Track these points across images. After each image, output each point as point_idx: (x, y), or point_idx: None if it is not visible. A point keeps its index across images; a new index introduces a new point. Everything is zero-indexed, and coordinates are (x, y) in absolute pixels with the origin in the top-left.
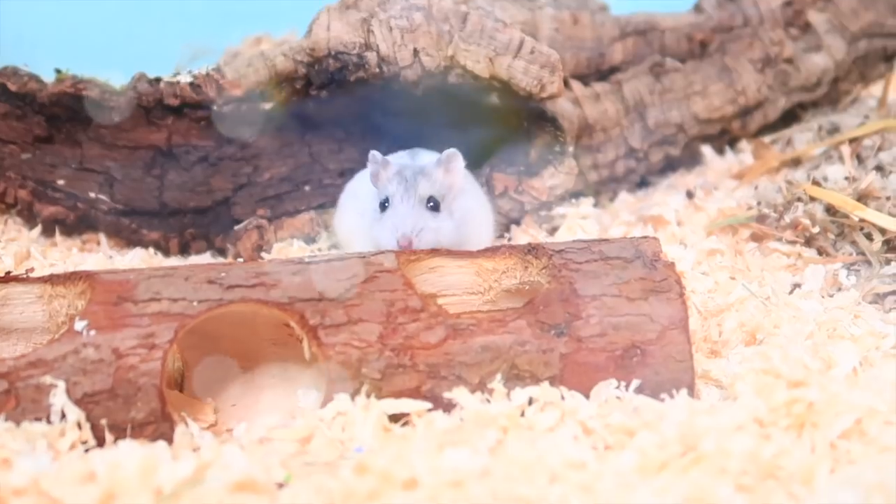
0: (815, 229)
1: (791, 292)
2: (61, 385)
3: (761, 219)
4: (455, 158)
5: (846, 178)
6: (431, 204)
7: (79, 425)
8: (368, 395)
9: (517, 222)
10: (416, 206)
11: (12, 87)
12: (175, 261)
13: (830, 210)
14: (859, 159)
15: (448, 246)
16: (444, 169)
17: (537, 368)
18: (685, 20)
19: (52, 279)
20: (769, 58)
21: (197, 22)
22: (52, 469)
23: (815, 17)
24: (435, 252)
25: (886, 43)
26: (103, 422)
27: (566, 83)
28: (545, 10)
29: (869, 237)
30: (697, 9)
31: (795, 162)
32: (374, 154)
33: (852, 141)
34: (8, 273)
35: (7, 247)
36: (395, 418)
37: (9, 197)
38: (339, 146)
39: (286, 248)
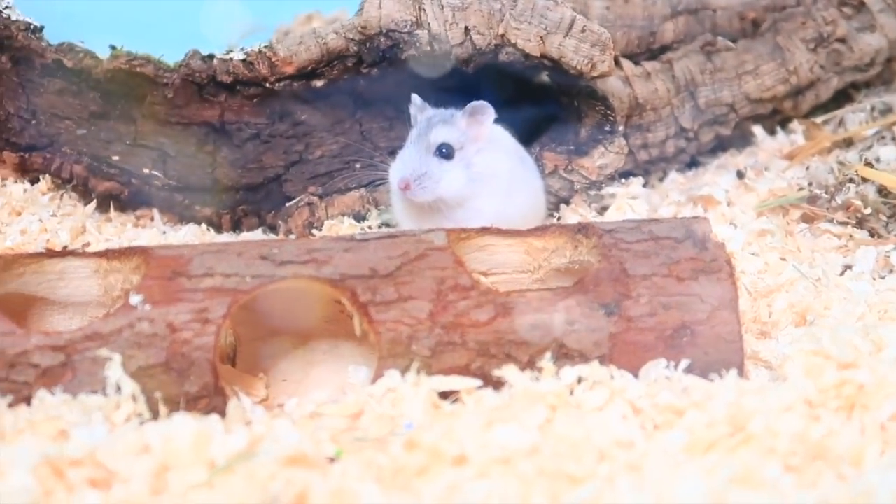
0: (867, 210)
1: (842, 274)
2: (117, 358)
3: (812, 200)
4: (483, 110)
5: None
6: (444, 151)
7: (134, 398)
8: (418, 372)
9: (567, 201)
10: (422, 151)
11: (68, 63)
12: (227, 237)
13: (883, 191)
14: None
15: (455, 197)
16: (470, 119)
17: (586, 347)
18: None
19: (107, 254)
20: (822, 37)
21: (249, 0)
22: (107, 441)
23: None
24: (485, 230)
25: None
26: (157, 395)
27: (616, 62)
28: None
29: None
30: None
31: (847, 142)
32: (415, 97)
33: None
34: (64, 248)
35: (63, 221)
36: (444, 395)
37: (64, 172)
38: (389, 124)
39: (337, 225)
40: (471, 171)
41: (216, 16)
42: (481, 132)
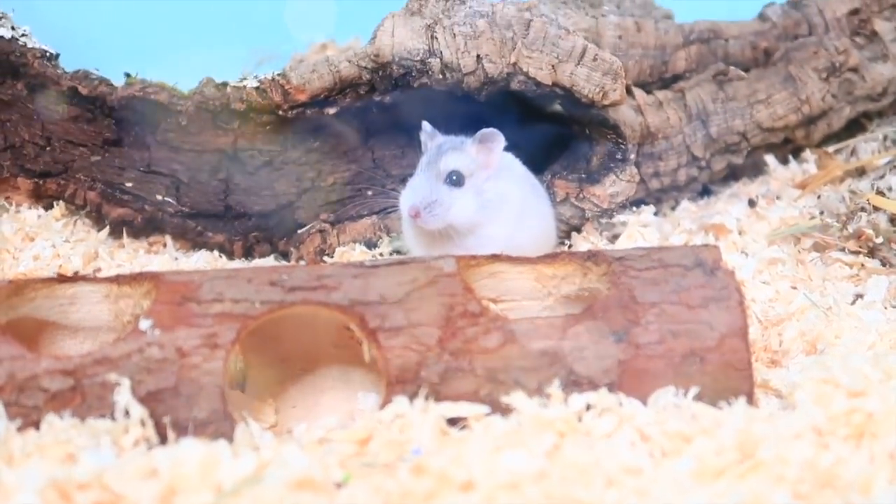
0: (879, 240)
1: (853, 303)
2: (126, 383)
3: (824, 228)
4: (493, 138)
5: None
6: (454, 178)
7: (142, 422)
8: (427, 398)
9: (578, 229)
10: (432, 179)
11: (83, 90)
12: (239, 263)
13: (894, 221)
14: None
15: (465, 224)
16: (480, 146)
17: (595, 374)
18: (749, 28)
19: (118, 279)
20: (834, 66)
21: (264, 29)
22: (115, 464)
23: (882, 26)
24: (495, 257)
25: None
26: (166, 419)
27: (628, 90)
28: (608, 17)
29: None
30: (762, 17)
31: (859, 172)
32: (426, 124)
33: None
34: (76, 273)
35: (76, 247)
36: (452, 421)
37: (78, 198)
38: (401, 151)
39: (348, 252)
40: (481, 198)
41: (230, 45)
42: (491, 159)
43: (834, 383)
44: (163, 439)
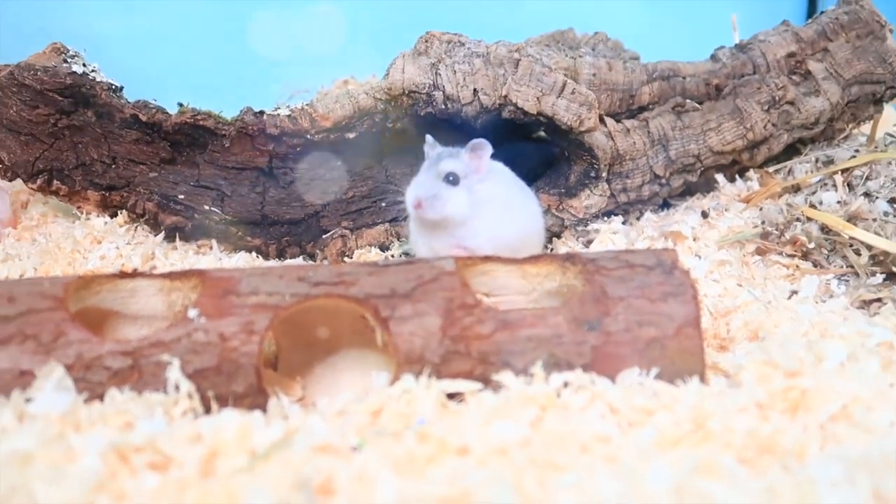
0: (811, 245)
1: (789, 298)
2: (176, 362)
3: (765, 236)
4: (482, 146)
5: (838, 203)
6: (451, 178)
7: (189, 396)
8: (430, 377)
9: (558, 236)
10: (433, 178)
11: (143, 117)
12: (272, 263)
13: (824, 229)
14: (850, 187)
15: (458, 217)
16: (472, 154)
17: (572, 357)
18: (703, 68)
19: (170, 275)
20: (774, 100)
21: (296, 67)
22: (166, 431)
23: (814, 66)
24: (487, 259)
25: (875, 88)
26: (209, 393)
27: (601, 119)
28: (585, 58)
29: (857, 253)
30: (714, 58)
31: (795, 188)
32: (429, 137)
33: (844, 171)
34: (135, 270)
35: (135, 249)
36: (451, 396)
37: (138, 208)
38: (410, 169)
39: (365, 253)
40: (472, 196)
41: (267, 80)
42: (481, 164)
43: (773, 365)
44: (207, 410)
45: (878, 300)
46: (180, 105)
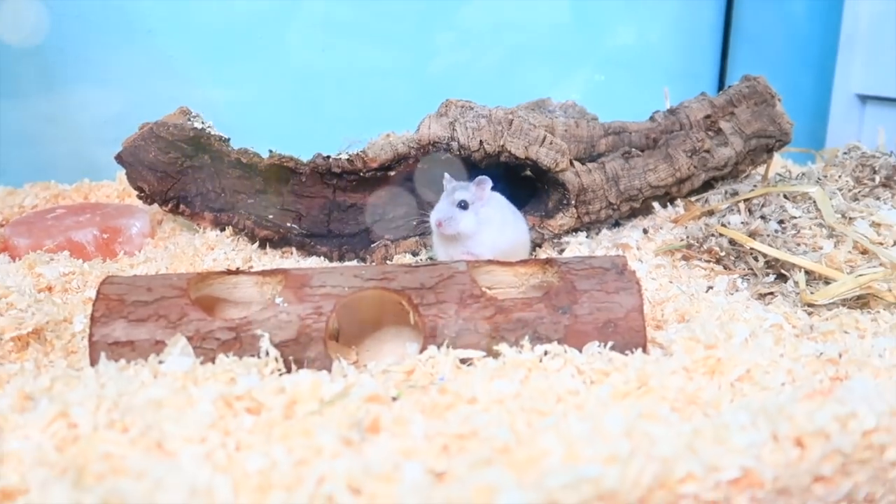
0: (723, 253)
1: (706, 291)
2: (266, 335)
3: (689, 247)
4: (484, 181)
5: (742, 223)
6: (462, 204)
7: (276, 360)
8: (448, 347)
9: (539, 246)
10: (449, 204)
11: (244, 160)
12: (336, 264)
13: (732, 242)
14: (750, 211)
15: (467, 232)
16: (477, 187)
17: (550, 333)
18: (644, 126)
19: (263, 273)
20: (695, 149)
21: (353, 123)
22: (259, 385)
23: (724, 125)
24: (490, 262)
25: (767, 141)
26: (290, 358)
27: (571, 163)
28: (559, 118)
29: (755, 259)
30: (652, 119)
31: (710, 213)
32: (447, 175)
33: (746, 200)
34: (237, 269)
35: (238, 254)
36: (463, 361)
37: (240, 225)
38: (434, 198)
39: (401, 258)
40: (477, 217)
41: (332, 132)
42: (484, 194)
43: (696, 340)
44: (288, 370)
45: (771, 293)
46: (270, 151)
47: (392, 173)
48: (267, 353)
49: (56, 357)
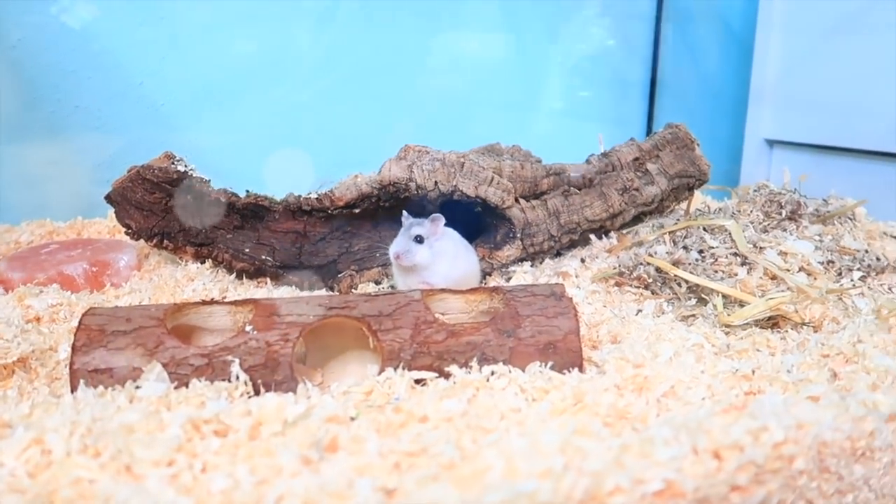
0: (650, 280)
1: (636, 314)
2: (237, 361)
3: (621, 274)
4: (438, 219)
5: (667, 253)
6: (418, 239)
7: (245, 384)
8: (403, 369)
9: (489, 275)
10: (407, 239)
11: (223, 199)
12: (305, 293)
13: (658, 270)
14: (674, 242)
15: (423, 264)
16: (431, 223)
17: (497, 355)
18: (581, 167)
19: (235, 303)
20: (626, 188)
21: (325, 164)
22: (227, 408)
23: (651, 166)
24: (442, 291)
25: (689, 181)
26: (259, 381)
27: (517, 200)
28: (506, 161)
29: (679, 285)
30: (588, 161)
31: (640, 244)
32: (405, 212)
33: (670, 233)
34: (212, 299)
35: (216, 285)
36: (417, 381)
37: (219, 258)
38: (394, 232)
39: (366, 286)
40: (432, 250)
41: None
42: (438, 229)
43: (626, 360)
44: (256, 393)
45: (693, 316)
46: (247, 191)
47: (357, 210)
48: (237, 378)
49: (40, 384)
